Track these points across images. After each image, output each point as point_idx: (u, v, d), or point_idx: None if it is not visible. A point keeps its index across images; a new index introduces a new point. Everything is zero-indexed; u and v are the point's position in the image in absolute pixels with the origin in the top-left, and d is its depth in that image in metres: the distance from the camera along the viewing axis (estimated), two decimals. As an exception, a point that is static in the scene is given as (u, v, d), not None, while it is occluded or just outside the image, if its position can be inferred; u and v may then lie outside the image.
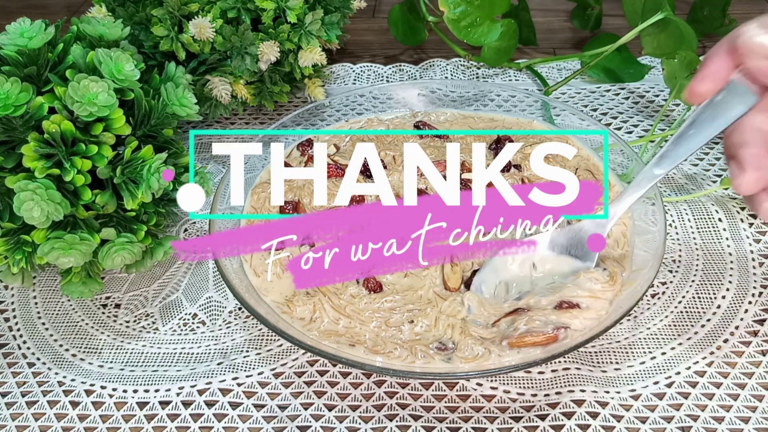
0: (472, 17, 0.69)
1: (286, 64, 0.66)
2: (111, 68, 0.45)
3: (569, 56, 0.79)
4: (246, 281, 0.49)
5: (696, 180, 0.61)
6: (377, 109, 0.67)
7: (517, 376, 0.47)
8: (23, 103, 0.43)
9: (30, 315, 0.54)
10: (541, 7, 0.90)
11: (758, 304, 0.51)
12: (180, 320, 0.52)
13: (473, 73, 0.79)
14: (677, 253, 0.55)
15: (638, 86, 0.74)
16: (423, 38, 0.79)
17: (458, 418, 0.45)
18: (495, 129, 0.63)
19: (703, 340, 0.48)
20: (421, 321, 0.46)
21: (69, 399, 0.47)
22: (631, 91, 0.74)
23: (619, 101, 0.73)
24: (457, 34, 0.70)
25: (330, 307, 0.47)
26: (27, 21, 0.45)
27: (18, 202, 0.42)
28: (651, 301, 0.51)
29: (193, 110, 0.50)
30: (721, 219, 0.57)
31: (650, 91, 0.74)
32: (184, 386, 0.48)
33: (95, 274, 0.50)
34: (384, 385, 0.47)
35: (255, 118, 0.73)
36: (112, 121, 0.45)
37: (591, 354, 0.48)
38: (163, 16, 0.60)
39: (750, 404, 0.44)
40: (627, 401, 0.45)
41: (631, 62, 0.75)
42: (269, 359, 0.49)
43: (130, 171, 0.46)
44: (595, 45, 0.76)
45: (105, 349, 0.51)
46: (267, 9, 0.62)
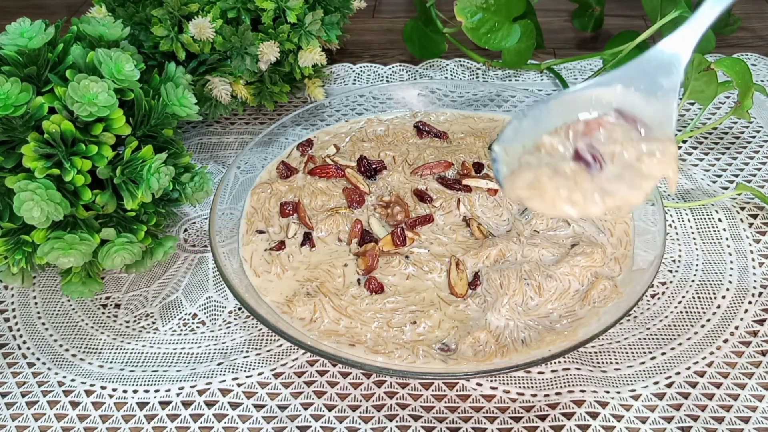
0: (490, 23, 0.69)
1: (286, 64, 0.66)
2: (111, 68, 0.45)
3: (590, 55, 0.78)
4: (246, 281, 0.50)
5: (703, 188, 0.61)
6: (377, 109, 0.67)
7: (517, 376, 0.47)
8: (23, 103, 0.43)
9: (30, 315, 0.54)
10: (541, 7, 0.90)
11: (758, 304, 0.51)
12: (180, 320, 0.52)
13: (473, 74, 0.79)
14: (677, 253, 0.55)
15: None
16: (442, 50, 0.78)
17: (458, 418, 0.45)
18: (494, 129, 0.63)
19: (703, 340, 0.48)
20: (424, 322, 0.46)
21: (69, 399, 0.47)
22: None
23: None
24: (477, 41, 0.69)
25: (331, 308, 0.47)
26: (27, 21, 0.45)
27: (18, 202, 0.42)
28: (651, 301, 0.51)
29: (193, 110, 0.50)
30: (721, 219, 0.57)
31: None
32: (184, 386, 0.48)
33: (95, 274, 0.50)
34: (384, 385, 0.47)
35: (255, 118, 0.73)
36: (112, 121, 0.45)
37: (591, 354, 0.48)
38: (163, 16, 0.60)
39: (750, 404, 0.44)
40: (627, 401, 0.45)
41: None
42: (269, 359, 0.49)
43: (130, 171, 0.46)
44: (616, 43, 0.75)
45: (105, 349, 0.51)
46: (267, 9, 0.62)
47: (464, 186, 0.56)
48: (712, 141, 0.66)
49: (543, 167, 0.38)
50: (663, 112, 0.39)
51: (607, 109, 0.40)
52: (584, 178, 0.38)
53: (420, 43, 0.79)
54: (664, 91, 0.39)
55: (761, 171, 0.62)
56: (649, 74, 0.40)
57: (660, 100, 0.39)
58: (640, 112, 0.39)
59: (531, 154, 0.40)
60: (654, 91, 0.39)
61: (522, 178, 0.38)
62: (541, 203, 0.38)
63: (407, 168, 0.59)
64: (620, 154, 0.38)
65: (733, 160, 0.64)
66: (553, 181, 0.37)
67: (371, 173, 0.58)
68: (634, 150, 0.38)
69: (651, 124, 0.39)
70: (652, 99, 0.39)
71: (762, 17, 0.87)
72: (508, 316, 0.46)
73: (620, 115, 0.40)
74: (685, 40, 0.40)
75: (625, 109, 0.40)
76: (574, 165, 0.38)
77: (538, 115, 0.41)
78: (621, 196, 0.37)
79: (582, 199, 0.37)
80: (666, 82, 0.39)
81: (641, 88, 0.40)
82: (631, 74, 0.40)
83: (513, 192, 0.39)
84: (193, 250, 0.58)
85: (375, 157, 0.60)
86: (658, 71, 0.40)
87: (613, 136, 0.38)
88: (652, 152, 0.37)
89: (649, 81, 0.40)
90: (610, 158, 0.38)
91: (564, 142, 0.39)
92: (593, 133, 0.39)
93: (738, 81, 0.57)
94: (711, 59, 0.58)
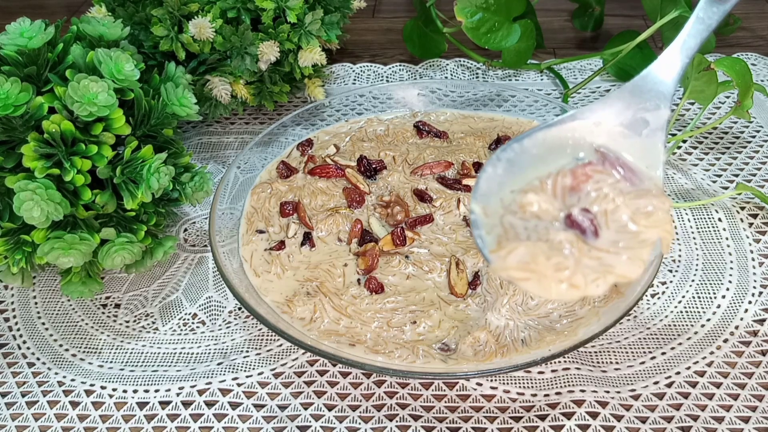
0: (490, 23, 0.69)
1: (286, 64, 0.66)
2: (111, 68, 0.45)
3: (590, 55, 0.78)
4: (246, 281, 0.50)
5: (703, 187, 0.61)
6: (377, 109, 0.67)
7: (517, 376, 0.47)
8: (23, 103, 0.43)
9: (30, 315, 0.54)
10: (541, 7, 0.90)
11: (758, 304, 0.51)
12: (180, 320, 0.52)
13: (473, 74, 0.79)
14: (677, 253, 0.55)
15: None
16: (443, 50, 0.78)
17: (458, 417, 0.45)
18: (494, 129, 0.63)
19: (703, 340, 0.48)
20: (424, 322, 0.46)
21: (69, 399, 0.47)
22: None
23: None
24: (477, 41, 0.69)
25: (331, 308, 0.47)
26: (27, 21, 0.45)
27: (18, 202, 0.42)
28: (651, 301, 0.51)
29: (193, 110, 0.50)
30: (721, 219, 0.57)
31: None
32: (184, 386, 0.48)
33: (95, 274, 0.50)
34: (384, 385, 0.47)
35: (255, 118, 0.73)
36: (112, 121, 0.45)
37: (591, 354, 0.48)
38: (163, 16, 0.60)
39: (750, 404, 0.44)
40: (627, 401, 0.45)
41: (652, 60, 0.74)
42: (269, 359, 0.49)
43: (130, 171, 0.46)
44: (615, 43, 0.75)
45: (105, 349, 0.51)
46: (267, 9, 0.62)
47: (464, 186, 0.56)
48: (712, 141, 0.66)
49: (535, 241, 0.33)
50: (650, 154, 0.34)
51: (589, 151, 0.35)
52: (583, 253, 0.32)
53: (420, 43, 0.79)
54: (650, 129, 0.35)
55: (761, 171, 0.62)
56: (632, 108, 0.35)
57: (646, 139, 0.35)
58: (624, 153, 0.35)
59: (514, 215, 0.34)
60: (639, 129, 0.35)
61: (514, 257, 0.32)
62: (537, 286, 0.32)
63: (407, 168, 0.59)
64: (613, 213, 0.33)
65: (733, 159, 0.64)
66: (552, 262, 0.32)
67: (371, 173, 0.58)
68: (628, 208, 0.33)
69: (636, 169, 0.34)
70: (636, 138, 0.35)
71: (762, 17, 0.87)
72: (508, 316, 0.46)
73: (604, 158, 0.35)
74: (671, 66, 0.36)
75: (608, 150, 0.35)
76: (568, 235, 0.33)
77: (513, 158, 0.36)
78: (620, 271, 0.32)
79: (583, 282, 0.32)
80: (652, 119, 0.35)
81: (625, 124, 0.35)
82: (614, 108, 0.36)
83: (504, 272, 0.32)
84: (193, 249, 0.58)
85: (375, 156, 0.60)
86: (642, 105, 0.35)
87: (604, 190, 0.33)
88: (646, 209, 0.32)
89: (632, 116, 0.35)
90: (605, 221, 0.33)
91: (551, 201, 0.34)
92: (581, 186, 0.34)
93: (738, 81, 0.57)
94: (711, 59, 0.58)
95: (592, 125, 0.35)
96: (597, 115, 0.36)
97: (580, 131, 0.35)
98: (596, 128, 0.35)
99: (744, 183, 0.61)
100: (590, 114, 0.36)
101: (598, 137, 0.35)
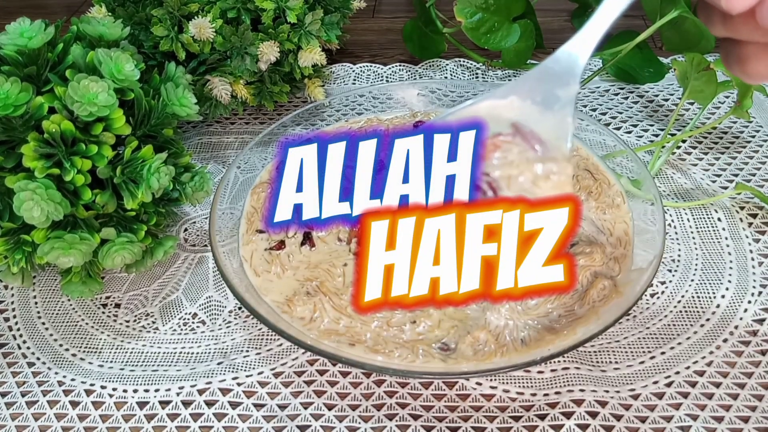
0: (489, 23, 0.69)
1: (286, 64, 0.66)
2: (111, 68, 0.45)
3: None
4: (246, 281, 0.50)
5: (702, 187, 0.61)
6: (377, 109, 0.67)
7: (517, 376, 0.47)
8: (23, 103, 0.43)
9: (30, 315, 0.54)
10: (541, 7, 0.90)
11: (757, 304, 0.51)
12: (180, 320, 0.52)
13: (473, 74, 0.79)
14: (676, 253, 0.55)
15: (650, 87, 0.74)
16: (442, 50, 0.78)
17: (458, 417, 0.45)
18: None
19: (702, 340, 0.48)
20: (424, 321, 0.46)
21: (69, 399, 0.47)
22: (640, 95, 0.74)
23: (629, 104, 0.73)
24: (476, 41, 0.69)
25: (330, 307, 0.47)
26: (27, 21, 0.45)
27: (18, 202, 0.42)
28: (650, 301, 0.51)
29: (193, 110, 0.50)
30: (721, 218, 0.57)
31: (660, 94, 0.73)
32: (184, 386, 0.48)
33: (95, 274, 0.50)
34: (384, 384, 0.47)
35: (255, 118, 0.73)
36: (112, 121, 0.45)
37: (590, 354, 0.48)
38: (163, 16, 0.60)
39: (750, 404, 0.45)
40: (626, 401, 0.45)
41: (652, 60, 0.74)
42: (269, 359, 0.49)
43: (130, 171, 0.46)
44: (615, 43, 0.76)
45: (105, 348, 0.51)
46: (267, 9, 0.62)
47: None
48: (711, 140, 0.66)
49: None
50: (560, 127, 0.37)
51: (504, 126, 0.38)
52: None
53: (420, 43, 0.79)
54: (561, 104, 0.38)
55: (760, 170, 0.62)
56: (545, 85, 0.38)
57: (557, 113, 0.38)
58: (537, 126, 0.38)
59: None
60: (551, 104, 0.38)
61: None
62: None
63: (407, 168, 0.59)
64: (516, 178, 0.37)
65: (732, 159, 0.64)
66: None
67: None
68: (530, 173, 0.37)
69: (547, 140, 0.38)
70: (548, 113, 0.38)
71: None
72: (507, 316, 0.46)
73: (517, 131, 0.38)
74: (582, 46, 0.38)
75: (522, 124, 0.38)
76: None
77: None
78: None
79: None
80: (563, 94, 0.38)
81: (538, 101, 0.38)
82: (528, 85, 0.38)
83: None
84: (193, 249, 0.58)
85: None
86: (555, 82, 0.38)
87: (509, 157, 0.37)
88: (547, 174, 0.36)
89: (546, 92, 0.38)
90: (506, 183, 0.37)
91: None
92: (489, 155, 0.37)
93: (737, 80, 0.57)
94: (710, 59, 0.58)
95: (508, 103, 0.39)
96: (513, 93, 0.39)
97: (499, 109, 0.39)
98: (512, 104, 0.39)
99: (743, 183, 0.61)
100: (507, 92, 0.39)
101: (513, 113, 0.39)
